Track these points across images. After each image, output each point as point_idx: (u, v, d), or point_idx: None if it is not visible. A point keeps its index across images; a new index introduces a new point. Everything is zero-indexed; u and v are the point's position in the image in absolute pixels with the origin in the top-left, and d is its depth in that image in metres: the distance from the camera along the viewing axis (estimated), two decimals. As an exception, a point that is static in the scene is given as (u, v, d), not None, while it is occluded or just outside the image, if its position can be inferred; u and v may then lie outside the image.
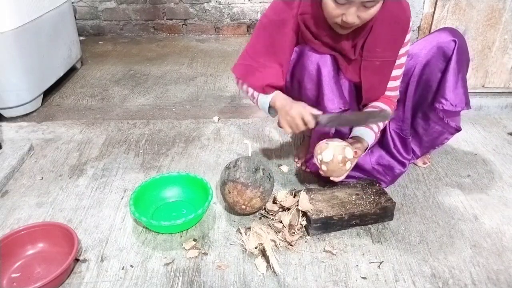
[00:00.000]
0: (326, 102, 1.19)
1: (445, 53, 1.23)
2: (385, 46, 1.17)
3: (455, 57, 1.22)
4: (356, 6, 1.01)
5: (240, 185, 1.16)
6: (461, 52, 1.23)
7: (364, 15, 1.04)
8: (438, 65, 1.25)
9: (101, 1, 2.89)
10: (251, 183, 1.16)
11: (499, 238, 1.18)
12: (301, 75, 1.21)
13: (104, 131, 1.74)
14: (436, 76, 1.26)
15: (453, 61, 1.22)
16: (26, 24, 1.79)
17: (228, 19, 2.93)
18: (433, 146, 1.39)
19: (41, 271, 1.08)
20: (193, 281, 1.05)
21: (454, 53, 1.22)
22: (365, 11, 1.03)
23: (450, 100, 1.25)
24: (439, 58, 1.25)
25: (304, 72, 1.20)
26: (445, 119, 1.29)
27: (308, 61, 1.18)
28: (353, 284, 1.04)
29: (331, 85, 1.19)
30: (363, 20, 1.06)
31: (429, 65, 1.26)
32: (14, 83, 1.78)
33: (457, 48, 1.21)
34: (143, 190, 1.26)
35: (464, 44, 1.25)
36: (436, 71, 1.26)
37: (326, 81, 1.18)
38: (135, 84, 2.22)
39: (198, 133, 1.72)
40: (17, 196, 1.36)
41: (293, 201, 1.23)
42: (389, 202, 1.22)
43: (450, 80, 1.24)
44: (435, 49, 1.24)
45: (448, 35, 1.23)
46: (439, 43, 1.24)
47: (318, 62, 1.18)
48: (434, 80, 1.27)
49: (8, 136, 1.69)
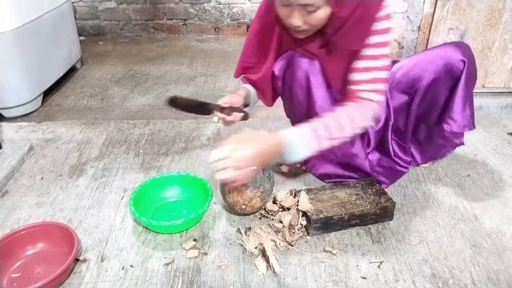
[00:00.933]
0: (318, 109, 1.21)
1: (453, 72, 1.21)
2: (350, 38, 1.10)
3: (464, 78, 1.20)
4: (298, 9, 1.00)
5: (240, 185, 1.16)
6: (470, 72, 1.21)
7: (309, 20, 1.02)
8: (446, 83, 1.23)
9: (101, 1, 2.89)
10: (251, 183, 1.16)
11: (499, 238, 1.18)
12: (291, 82, 1.23)
13: (104, 131, 1.74)
14: (444, 93, 1.25)
15: (462, 83, 1.20)
16: (26, 24, 1.79)
17: (228, 19, 2.93)
18: (434, 157, 1.40)
19: (41, 271, 1.08)
20: (193, 281, 1.05)
21: (464, 74, 1.20)
22: (308, 16, 1.01)
23: (458, 121, 1.24)
24: (447, 76, 1.22)
25: (294, 80, 1.21)
26: (451, 138, 1.30)
27: (297, 69, 1.19)
28: (353, 284, 1.04)
29: (321, 92, 1.20)
30: (312, 25, 1.04)
31: (436, 82, 1.24)
32: (14, 83, 1.78)
33: (467, 68, 1.19)
34: (143, 190, 1.26)
35: (473, 63, 1.22)
36: (444, 89, 1.24)
37: (316, 88, 1.19)
38: (135, 84, 2.22)
39: (198, 133, 1.72)
40: (17, 196, 1.36)
41: (293, 201, 1.23)
42: (389, 202, 1.22)
43: (458, 102, 1.22)
44: (444, 67, 1.21)
45: (457, 53, 1.20)
46: (447, 62, 1.21)
47: (307, 69, 1.18)
48: (441, 98, 1.26)
49: (8, 136, 1.69)
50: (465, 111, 1.24)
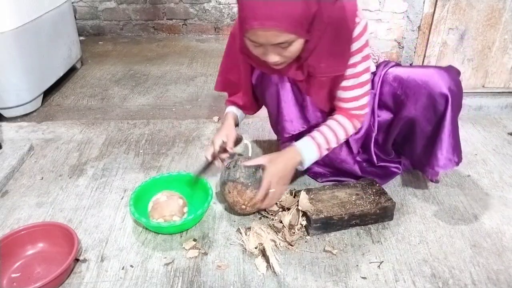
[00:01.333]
0: (284, 123, 1.24)
1: (436, 109, 1.16)
2: (329, 61, 1.09)
3: (449, 116, 1.15)
4: (271, 48, 0.99)
5: (240, 185, 1.16)
6: (455, 105, 1.15)
7: (286, 54, 1.01)
8: (428, 117, 1.19)
9: (101, 1, 2.89)
10: (251, 183, 1.16)
11: (499, 238, 1.18)
12: (262, 94, 1.27)
13: (104, 131, 1.74)
14: (426, 128, 1.21)
15: (447, 121, 1.15)
16: (26, 24, 1.79)
17: (228, 19, 2.93)
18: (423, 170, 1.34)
19: (41, 271, 1.08)
20: (193, 281, 1.05)
21: (448, 111, 1.14)
22: (284, 51, 1.00)
23: (442, 166, 1.21)
24: (430, 110, 1.18)
25: (265, 92, 1.25)
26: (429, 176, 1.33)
27: (269, 82, 1.21)
28: (353, 284, 1.04)
29: (290, 107, 1.22)
30: (289, 58, 1.03)
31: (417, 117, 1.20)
32: (14, 83, 1.78)
33: (451, 103, 1.14)
34: (143, 190, 1.26)
35: (458, 93, 1.16)
36: (426, 124, 1.20)
37: (285, 103, 1.22)
38: (135, 84, 2.22)
39: (198, 133, 1.72)
40: (17, 196, 1.36)
41: (293, 201, 1.23)
42: (389, 202, 1.22)
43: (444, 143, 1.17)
44: (426, 100, 1.17)
45: (440, 85, 1.14)
46: (431, 94, 1.16)
47: (278, 84, 1.20)
48: (425, 131, 1.22)
49: (8, 136, 1.69)
50: (449, 153, 1.19)
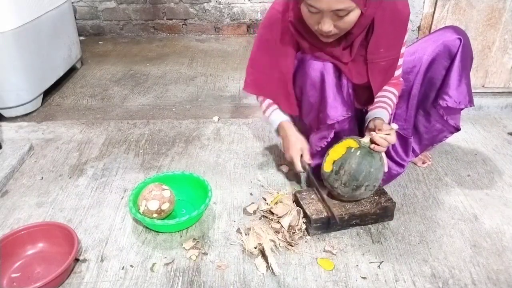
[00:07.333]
0: (329, 110, 1.19)
1: (450, 51, 1.23)
2: (388, 46, 1.17)
3: (460, 55, 1.22)
4: (329, 15, 1.00)
5: (334, 192, 1.21)
6: (466, 50, 1.23)
7: (340, 24, 1.02)
8: (443, 62, 1.25)
9: (101, 1, 2.88)
10: (347, 198, 1.20)
11: (499, 238, 1.18)
12: (303, 83, 1.22)
13: (104, 131, 1.74)
14: (441, 73, 1.26)
15: (457, 59, 1.22)
16: (26, 24, 1.79)
17: (228, 19, 2.93)
18: (431, 144, 1.39)
19: (41, 271, 1.08)
20: (193, 281, 1.05)
21: (459, 51, 1.21)
22: (340, 20, 1.01)
23: (453, 97, 1.24)
24: (444, 56, 1.25)
25: (306, 80, 1.20)
26: (445, 117, 1.28)
27: (310, 69, 1.18)
28: (353, 284, 1.04)
29: (334, 93, 1.19)
30: (342, 29, 1.05)
31: (434, 63, 1.26)
32: (14, 83, 1.78)
33: (462, 46, 1.21)
34: (142, 189, 1.26)
35: (468, 43, 1.25)
36: (441, 69, 1.26)
37: (329, 89, 1.18)
38: (135, 84, 2.22)
39: (198, 133, 1.72)
40: (17, 196, 1.36)
41: (286, 209, 1.22)
42: (389, 202, 1.22)
43: (454, 77, 1.24)
44: (441, 47, 1.24)
45: (453, 33, 1.23)
46: (444, 41, 1.23)
47: (321, 69, 1.17)
48: (438, 78, 1.27)
49: (8, 136, 1.69)
50: (460, 86, 1.24)
